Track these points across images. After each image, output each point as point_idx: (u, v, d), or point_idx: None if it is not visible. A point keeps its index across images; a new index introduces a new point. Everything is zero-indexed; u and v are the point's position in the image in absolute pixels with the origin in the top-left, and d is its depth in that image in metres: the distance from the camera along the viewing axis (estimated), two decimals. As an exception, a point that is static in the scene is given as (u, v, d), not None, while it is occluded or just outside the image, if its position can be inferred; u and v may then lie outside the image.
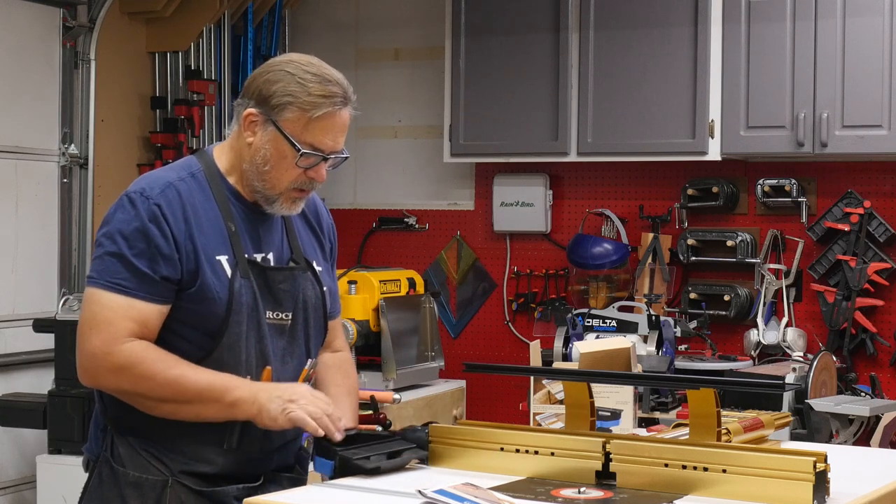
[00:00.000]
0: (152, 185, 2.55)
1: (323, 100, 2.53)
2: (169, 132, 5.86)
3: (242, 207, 2.62)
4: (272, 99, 2.54)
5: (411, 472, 2.51)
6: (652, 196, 5.68)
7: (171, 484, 2.53)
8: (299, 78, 2.54)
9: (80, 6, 5.49)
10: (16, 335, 5.16)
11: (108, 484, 2.57)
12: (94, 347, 2.49)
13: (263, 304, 2.59)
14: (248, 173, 2.60)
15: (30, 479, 5.03)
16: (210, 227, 2.56)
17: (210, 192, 2.59)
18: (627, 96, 5.36)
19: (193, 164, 2.63)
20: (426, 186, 6.17)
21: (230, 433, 2.54)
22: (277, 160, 2.56)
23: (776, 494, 2.21)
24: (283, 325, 2.63)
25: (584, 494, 2.29)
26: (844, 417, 4.04)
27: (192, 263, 2.51)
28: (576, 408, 2.63)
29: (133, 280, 2.48)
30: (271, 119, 2.55)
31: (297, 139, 2.54)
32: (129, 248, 2.49)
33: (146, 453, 2.55)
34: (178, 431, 2.54)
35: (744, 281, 5.49)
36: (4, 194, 5.18)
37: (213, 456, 2.56)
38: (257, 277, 2.59)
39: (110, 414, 2.60)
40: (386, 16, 6.22)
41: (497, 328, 6.02)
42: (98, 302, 2.50)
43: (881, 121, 4.91)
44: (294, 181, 2.58)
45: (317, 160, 2.57)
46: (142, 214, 2.50)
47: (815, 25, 5.00)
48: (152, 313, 2.50)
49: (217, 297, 2.52)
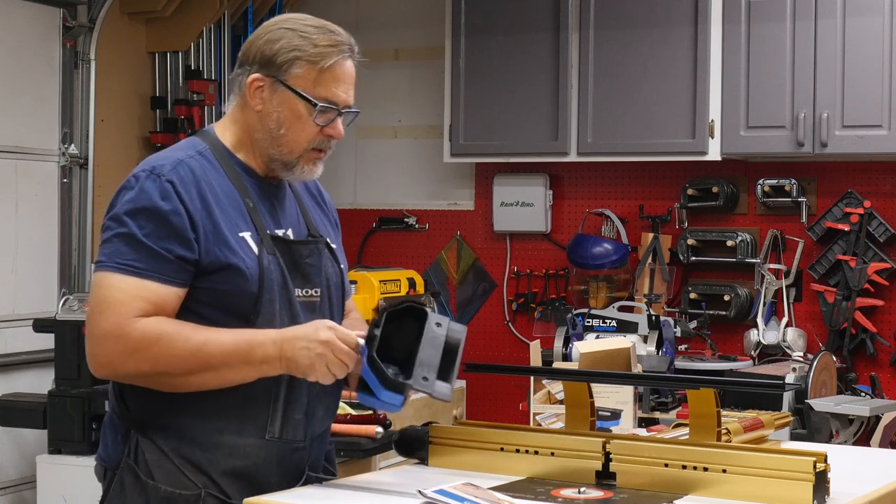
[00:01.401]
0: (162, 163, 2.40)
1: (331, 48, 2.43)
2: (169, 132, 5.85)
3: (256, 183, 2.49)
4: (277, 57, 2.43)
5: (411, 472, 2.51)
6: (652, 196, 5.68)
7: (203, 497, 2.38)
8: (301, 32, 2.44)
9: (80, 6, 5.49)
10: (16, 335, 5.16)
11: (132, 493, 2.41)
12: (105, 331, 2.32)
13: (292, 281, 2.45)
14: (262, 142, 2.47)
15: (30, 479, 5.02)
16: (228, 203, 2.42)
17: (221, 168, 2.46)
18: (627, 96, 5.36)
19: (198, 143, 2.49)
20: (426, 186, 6.17)
21: (271, 421, 2.43)
22: (292, 121, 2.44)
23: (776, 494, 2.21)
24: (313, 302, 2.49)
25: (584, 494, 2.29)
26: (844, 417, 4.04)
27: (214, 242, 2.37)
28: (576, 408, 2.63)
29: (145, 261, 2.32)
30: (279, 79, 2.43)
31: (311, 94, 2.42)
32: (138, 227, 2.33)
33: (179, 458, 2.40)
34: (217, 426, 2.40)
35: (744, 281, 5.49)
36: (4, 194, 5.18)
37: (254, 448, 2.42)
38: (283, 253, 2.45)
39: (135, 417, 2.44)
40: (386, 16, 6.22)
41: (497, 328, 6.02)
42: (107, 285, 2.33)
43: (881, 121, 4.91)
44: (311, 141, 2.45)
45: (333, 115, 2.45)
46: (151, 193, 2.35)
47: (815, 25, 5.00)
48: (168, 295, 2.34)
49: (249, 275, 2.38)
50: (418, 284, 5.37)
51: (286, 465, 2.47)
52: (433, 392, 2.30)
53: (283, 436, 2.45)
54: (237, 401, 2.40)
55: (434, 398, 2.31)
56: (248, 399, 2.41)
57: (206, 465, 2.41)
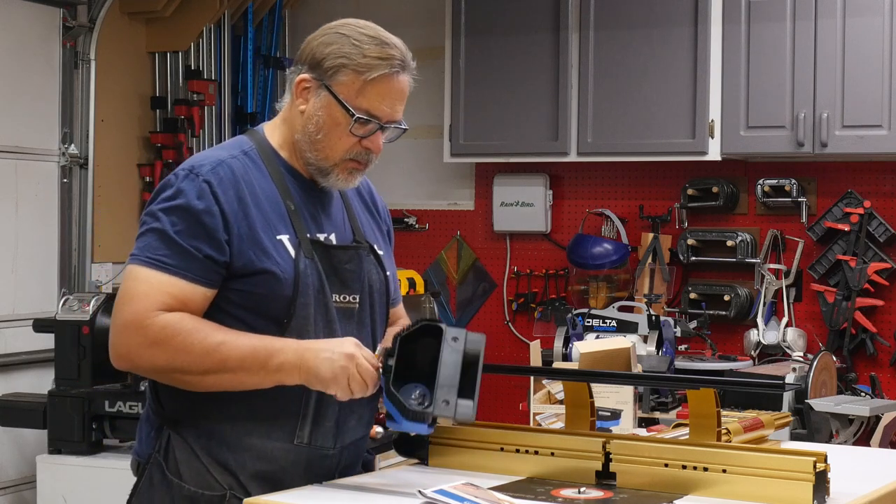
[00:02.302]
0: (202, 163, 2.40)
1: (379, 62, 2.40)
2: (169, 132, 5.86)
3: (300, 185, 2.47)
4: (325, 62, 2.40)
5: (411, 472, 2.50)
6: (652, 196, 5.68)
7: (228, 498, 2.38)
8: (354, 39, 2.41)
9: (80, 6, 5.49)
10: (16, 335, 5.16)
11: (159, 490, 2.42)
12: (126, 321, 2.32)
13: (330, 287, 2.42)
14: (301, 143, 2.45)
15: (30, 479, 5.02)
16: (268, 205, 2.40)
17: (265, 169, 2.44)
18: (627, 96, 5.36)
19: (245, 143, 2.48)
20: (426, 186, 6.17)
21: (301, 427, 2.41)
22: (330, 127, 2.42)
23: (776, 494, 2.21)
24: (351, 308, 2.47)
25: (584, 494, 2.29)
26: (844, 417, 4.04)
27: (248, 245, 2.35)
28: (576, 408, 2.63)
29: (174, 257, 2.32)
30: (324, 83, 2.41)
31: (351, 104, 2.40)
32: (171, 224, 2.33)
33: (208, 458, 2.39)
34: (246, 428, 2.39)
35: (744, 281, 5.49)
36: (4, 194, 5.18)
37: (282, 452, 2.41)
38: (321, 258, 2.42)
39: (168, 413, 2.44)
40: (386, 16, 6.20)
41: (497, 328, 6.02)
42: (136, 278, 2.34)
43: (881, 121, 4.91)
44: (348, 151, 2.43)
45: (372, 128, 2.43)
46: (187, 192, 2.35)
47: (815, 25, 5.00)
48: (195, 294, 2.33)
49: (283, 278, 2.36)
50: (418, 284, 5.36)
51: (314, 471, 2.46)
52: (455, 416, 2.28)
53: (312, 442, 2.44)
54: (268, 404, 2.40)
55: (458, 422, 2.29)
56: (280, 403, 2.40)
57: (233, 467, 2.40)
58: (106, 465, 4.55)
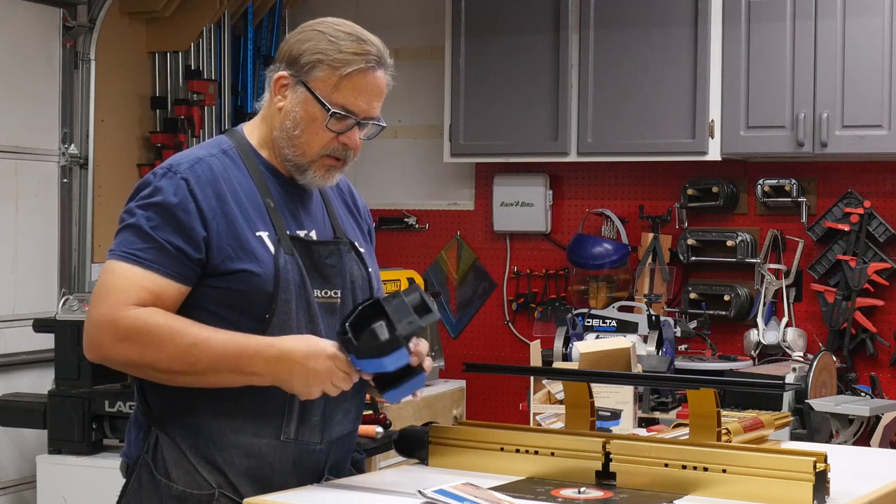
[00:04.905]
0: (180, 161, 2.44)
1: (355, 57, 2.44)
2: (169, 132, 5.86)
3: (279, 183, 2.50)
4: (302, 58, 2.44)
5: (411, 472, 2.50)
6: (652, 196, 5.68)
7: (217, 497, 2.38)
8: (330, 36, 2.45)
9: (80, 6, 5.49)
10: (16, 335, 5.16)
11: (147, 491, 2.42)
12: (100, 314, 2.34)
13: (311, 282, 2.44)
14: (279, 140, 2.47)
15: (30, 479, 5.02)
16: (248, 202, 2.43)
17: (245, 167, 2.46)
18: (627, 96, 5.36)
19: (224, 142, 2.51)
20: (426, 186, 6.17)
21: (287, 422, 2.42)
22: (307, 123, 2.44)
23: (776, 494, 2.21)
24: (333, 303, 2.48)
25: (584, 494, 2.29)
26: (844, 417, 4.04)
27: (227, 242, 2.37)
28: (576, 408, 2.63)
29: (150, 252, 2.34)
30: (301, 79, 2.43)
31: (328, 99, 2.42)
32: (147, 220, 2.36)
33: (196, 456, 2.40)
34: (233, 425, 2.40)
35: (744, 281, 5.49)
36: (4, 194, 5.18)
37: (270, 449, 2.42)
38: (302, 254, 2.44)
39: (156, 413, 2.44)
40: (386, 16, 6.22)
41: (497, 328, 6.02)
42: (112, 271, 2.36)
43: (881, 121, 4.91)
44: (325, 147, 2.46)
45: (349, 124, 2.46)
46: (164, 189, 2.38)
47: (815, 25, 5.00)
48: (170, 289, 2.35)
49: (263, 275, 2.37)
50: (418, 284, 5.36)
51: (303, 467, 2.46)
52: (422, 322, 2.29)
53: (299, 437, 2.44)
54: (254, 401, 2.40)
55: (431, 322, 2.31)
56: (265, 399, 2.40)
57: (222, 465, 2.41)
58: (106, 465, 4.55)
